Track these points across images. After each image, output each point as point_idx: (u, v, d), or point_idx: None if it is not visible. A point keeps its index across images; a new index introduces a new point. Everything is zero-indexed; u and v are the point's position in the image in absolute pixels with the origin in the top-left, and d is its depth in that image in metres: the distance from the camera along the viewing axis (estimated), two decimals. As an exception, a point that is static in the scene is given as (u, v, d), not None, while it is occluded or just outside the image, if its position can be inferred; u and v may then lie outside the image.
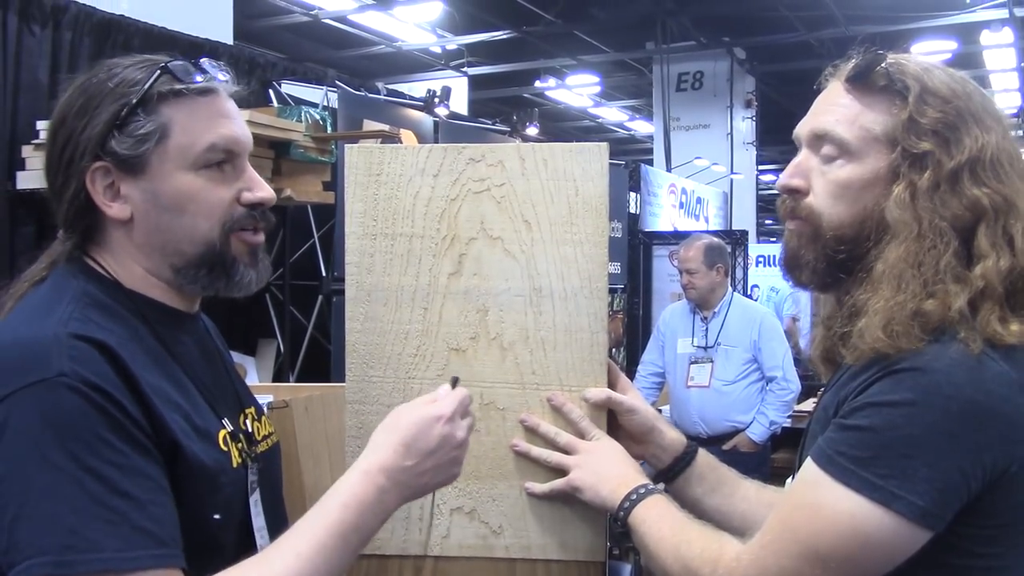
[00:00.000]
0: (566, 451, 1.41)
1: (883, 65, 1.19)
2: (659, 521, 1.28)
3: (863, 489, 1.06)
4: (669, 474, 1.47)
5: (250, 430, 1.27)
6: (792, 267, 1.26)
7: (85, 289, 1.13)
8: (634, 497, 1.32)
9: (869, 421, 1.08)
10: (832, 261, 1.20)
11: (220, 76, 1.20)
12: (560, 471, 1.41)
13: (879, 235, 1.16)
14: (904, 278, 1.11)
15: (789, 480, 1.44)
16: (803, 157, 1.24)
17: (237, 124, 1.20)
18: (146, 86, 1.14)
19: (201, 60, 1.19)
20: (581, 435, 1.42)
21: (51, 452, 0.97)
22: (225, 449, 1.17)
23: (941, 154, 1.14)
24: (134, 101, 1.13)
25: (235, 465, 1.18)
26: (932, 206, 1.13)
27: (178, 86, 1.16)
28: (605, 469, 1.37)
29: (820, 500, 1.10)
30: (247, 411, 1.30)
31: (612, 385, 1.45)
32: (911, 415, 1.05)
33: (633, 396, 1.46)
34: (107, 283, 1.16)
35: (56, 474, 0.97)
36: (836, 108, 1.21)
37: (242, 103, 1.27)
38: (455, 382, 1.25)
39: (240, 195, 1.19)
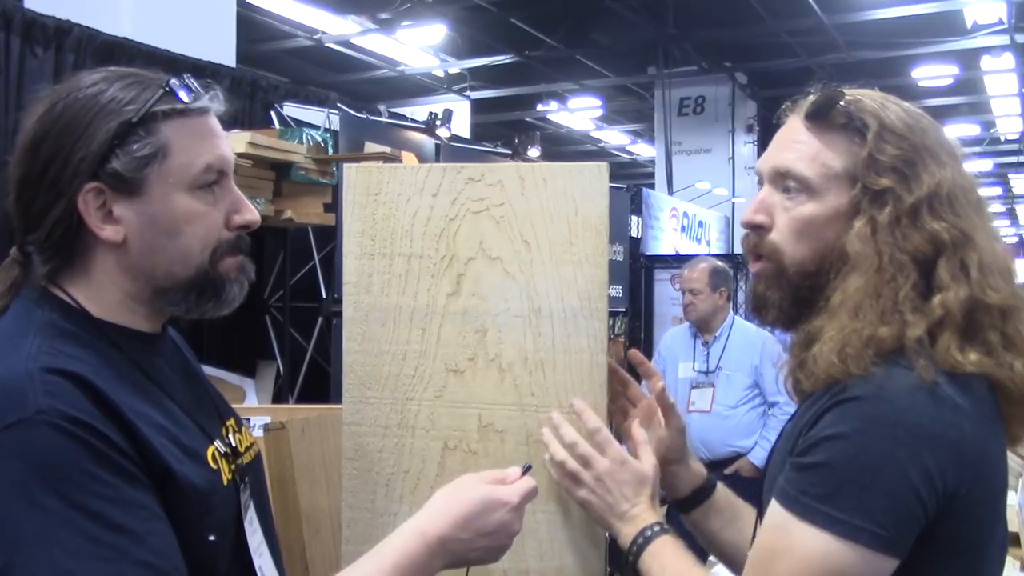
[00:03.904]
0: (583, 461, 1.35)
1: (842, 103, 1.20)
2: (663, 570, 1.27)
3: (828, 526, 1.06)
4: (687, 504, 1.46)
5: (233, 443, 1.24)
6: (759, 308, 1.28)
7: (50, 319, 1.08)
8: (641, 541, 1.30)
9: (825, 456, 1.08)
10: (796, 296, 1.23)
11: (213, 95, 1.17)
12: (565, 485, 1.37)
13: (839, 267, 1.18)
14: (862, 307, 1.13)
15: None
16: (766, 193, 1.26)
17: (226, 144, 1.18)
18: (147, 104, 1.10)
19: (186, 77, 1.15)
20: (598, 448, 1.36)
21: (38, 495, 0.93)
22: (215, 467, 1.14)
23: (901, 190, 1.16)
24: (134, 120, 1.09)
25: (225, 483, 1.16)
26: (892, 240, 1.15)
27: (178, 105, 1.13)
28: (619, 493, 1.33)
29: (791, 543, 1.09)
30: (228, 423, 1.27)
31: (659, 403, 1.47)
32: (862, 445, 1.06)
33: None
34: (72, 312, 1.11)
35: (46, 517, 0.93)
36: (796, 145, 1.22)
37: (244, 125, 1.25)
38: (527, 469, 1.24)
39: (229, 218, 1.17)
